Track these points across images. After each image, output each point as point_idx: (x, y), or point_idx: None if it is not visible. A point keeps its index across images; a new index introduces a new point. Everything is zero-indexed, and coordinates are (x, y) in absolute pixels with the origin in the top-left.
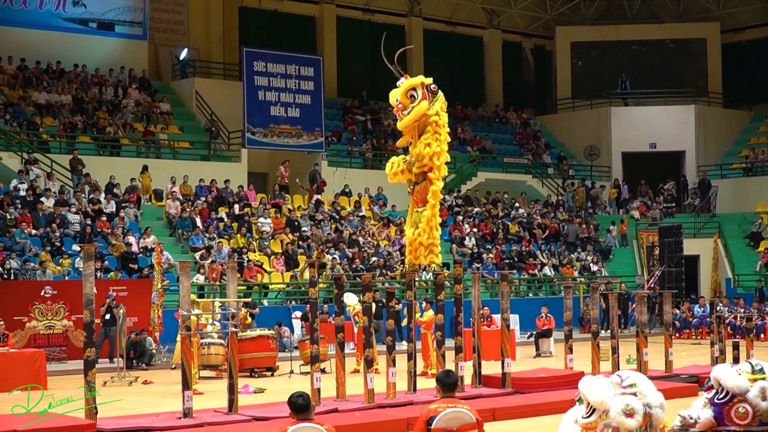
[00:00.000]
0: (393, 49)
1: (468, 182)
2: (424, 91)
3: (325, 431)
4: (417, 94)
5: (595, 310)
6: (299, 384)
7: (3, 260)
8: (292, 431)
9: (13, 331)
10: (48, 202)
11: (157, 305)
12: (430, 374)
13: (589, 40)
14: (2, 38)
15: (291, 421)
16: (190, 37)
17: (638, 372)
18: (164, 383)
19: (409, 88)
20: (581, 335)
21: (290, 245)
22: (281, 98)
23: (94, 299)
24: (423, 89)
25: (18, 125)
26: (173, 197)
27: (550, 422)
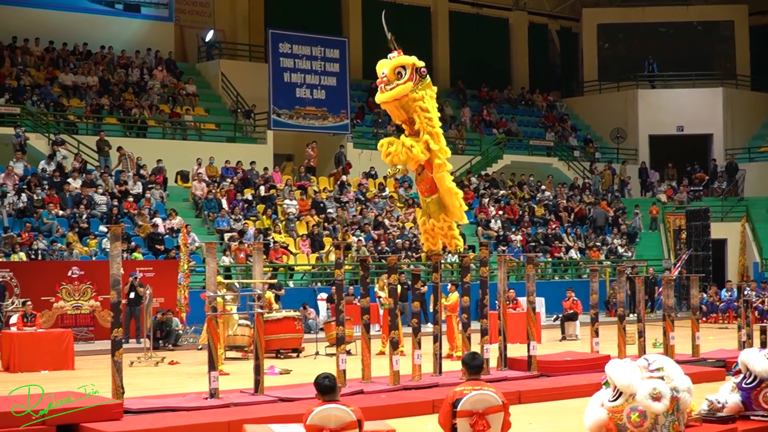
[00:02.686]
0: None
1: (494, 165)
2: (413, 72)
3: (351, 412)
4: (405, 73)
5: (621, 294)
6: (325, 365)
7: (31, 241)
8: (319, 412)
9: (40, 312)
10: (75, 183)
11: (184, 286)
12: (456, 357)
13: (615, 22)
14: (29, 20)
15: (317, 402)
16: (215, 18)
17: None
18: (190, 364)
19: (399, 65)
20: (607, 319)
21: (316, 227)
22: (307, 80)
23: (121, 280)
24: (412, 71)
25: (45, 107)
26: (199, 179)
27: (576, 405)
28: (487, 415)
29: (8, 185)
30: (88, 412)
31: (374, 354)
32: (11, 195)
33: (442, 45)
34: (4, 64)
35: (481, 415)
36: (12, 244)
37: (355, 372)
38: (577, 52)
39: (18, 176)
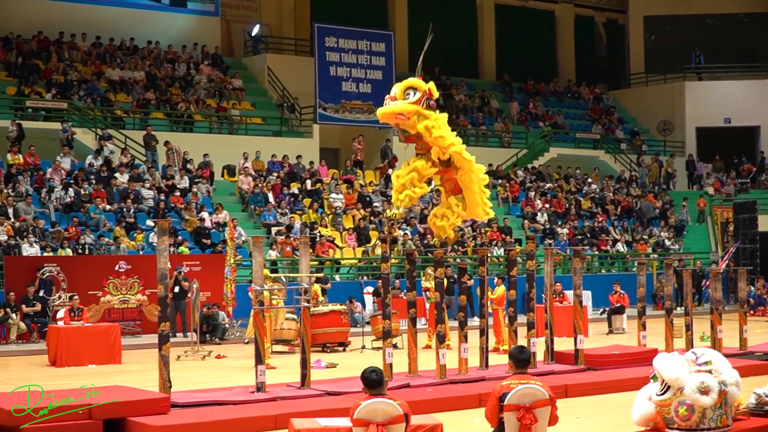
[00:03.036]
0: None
1: (540, 158)
2: (422, 98)
3: (397, 406)
4: (413, 95)
5: (668, 287)
6: (371, 359)
7: (78, 235)
8: (365, 406)
9: (88, 306)
10: (122, 178)
11: (230, 280)
12: (502, 350)
13: (662, 14)
14: (76, 15)
15: (364, 396)
16: (261, 13)
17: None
18: (237, 357)
19: (411, 86)
20: (654, 312)
21: (362, 221)
22: (353, 74)
23: (168, 274)
24: (423, 96)
25: (92, 101)
26: (245, 173)
27: (623, 399)
28: (534, 409)
29: (55, 180)
30: (135, 405)
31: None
32: (58, 190)
33: (488, 38)
34: (51, 59)
35: (528, 409)
36: (59, 239)
37: (402, 366)
38: (623, 44)
39: (65, 171)
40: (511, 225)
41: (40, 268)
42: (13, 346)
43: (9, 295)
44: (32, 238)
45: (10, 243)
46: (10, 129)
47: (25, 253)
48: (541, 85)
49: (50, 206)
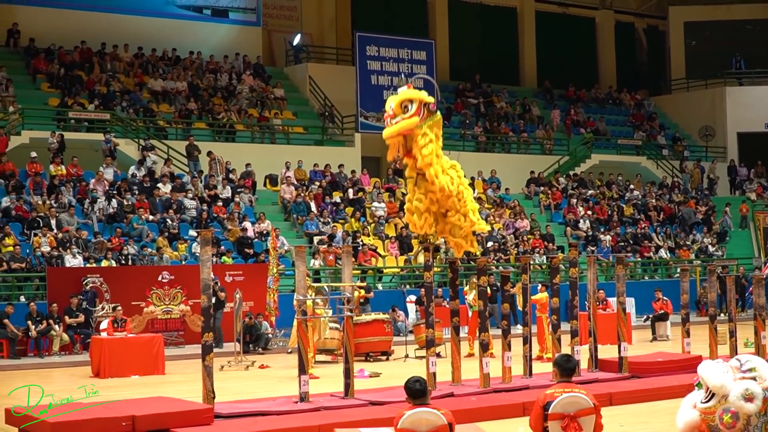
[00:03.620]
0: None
1: (582, 164)
2: (420, 107)
3: (441, 416)
4: (411, 108)
5: (712, 293)
6: (414, 368)
7: (121, 246)
8: (409, 416)
9: (131, 316)
10: (165, 188)
11: (273, 290)
12: (546, 358)
13: (702, 20)
14: (118, 26)
15: (408, 406)
16: (303, 22)
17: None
18: (281, 367)
19: (407, 99)
20: (698, 318)
21: (404, 229)
22: (394, 82)
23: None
24: (420, 105)
25: (135, 112)
26: (288, 182)
27: (667, 407)
28: (579, 417)
29: (98, 191)
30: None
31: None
32: (101, 200)
33: (528, 45)
34: (94, 70)
35: (573, 417)
36: (102, 250)
37: (445, 375)
38: (664, 50)
39: (108, 182)
40: (553, 232)
41: (83, 279)
42: (56, 358)
43: (52, 307)
44: (75, 249)
45: (53, 254)
46: (50, 141)
47: (68, 264)
48: (582, 91)
49: (93, 217)
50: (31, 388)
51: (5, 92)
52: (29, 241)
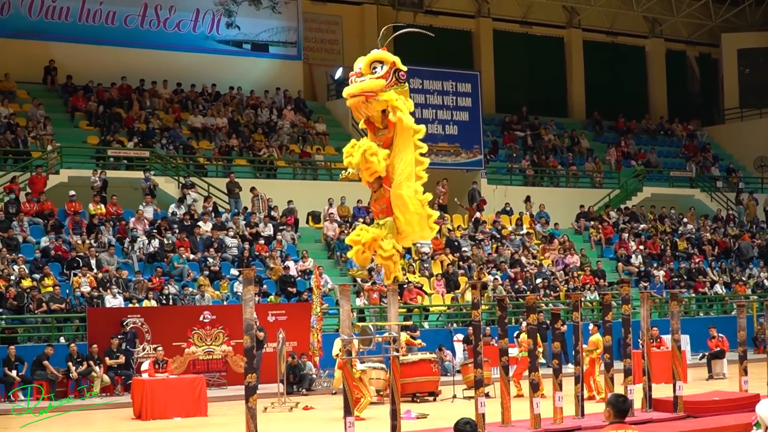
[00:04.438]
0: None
1: (633, 198)
2: (390, 71)
3: None
4: (380, 69)
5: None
6: (462, 409)
7: (161, 286)
8: None
9: (172, 357)
10: (205, 227)
11: (317, 329)
12: (599, 399)
13: (756, 47)
14: (157, 62)
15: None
16: (344, 55)
17: None
18: (325, 409)
19: (376, 59)
20: (756, 356)
21: (450, 266)
22: (438, 115)
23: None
24: (390, 69)
25: (174, 149)
26: (331, 219)
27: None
28: None
29: (138, 229)
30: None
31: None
32: (141, 239)
33: (576, 75)
34: (133, 107)
35: None
36: (143, 290)
37: (495, 416)
38: (716, 78)
39: (148, 220)
40: (604, 268)
41: (123, 319)
42: (97, 400)
43: (92, 348)
44: (115, 289)
45: (93, 294)
46: (93, 179)
47: (108, 304)
48: (633, 122)
49: (133, 256)
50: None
51: (43, 130)
52: (69, 281)
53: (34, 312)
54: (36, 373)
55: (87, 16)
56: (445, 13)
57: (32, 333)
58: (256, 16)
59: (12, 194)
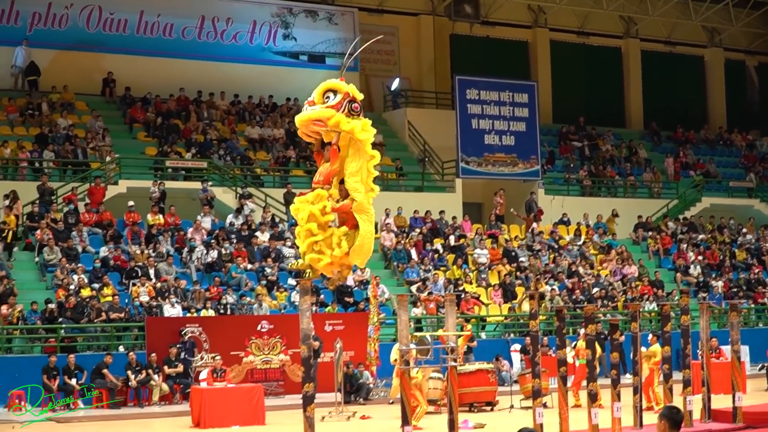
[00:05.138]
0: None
1: (692, 208)
2: (343, 101)
3: None
4: (333, 99)
5: None
6: (519, 419)
7: (219, 295)
8: None
9: (230, 366)
10: (263, 237)
11: (374, 339)
12: (657, 409)
13: None
14: (215, 74)
15: None
16: (401, 66)
17: None
18: (382, 418)
19: (330, 89)
20: None
21: (507, 276)
22: (495, 126)
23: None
24: (343, 98)
25: (231, 160)
26: (388, 229)
27: None
28: None
29: (196, 240)
30: None
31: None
32: (200, 249)
33: (634, 86)
34: (191, 118)
35: None
36: (201, 299)
37: (552, 426)
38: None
39: (206, 230)
40: (662, 278)
41: (181, 329)
42: (155, 408)
43: (151, 357)
44: (174, 299)
45: (152, 304)
46: (152, 189)
47: (166, 313)
48: (691, 132)
49: (191, 266)
50: None
51: (102, 142)
52: (128, 290)
53: (94, 321)
54: (95, 382)
55: (145, 28)
56: (502, 23)
57: (92, 342)
58: (313, 27)
59: (71, 205)
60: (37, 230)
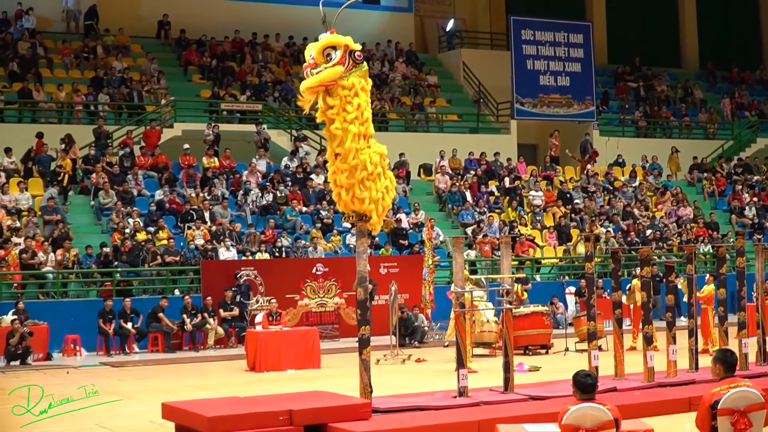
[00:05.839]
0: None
1: (747, 149)
2: (345, 55)
3: (607, 411)
4: (334, 55)
5: None
6: (575, 362)
7: (274, 238)
8: (574, 411)
9: (285, 310)
10: (318, 179)
11: (429, 282)
12: (712, 352)
13: None
14: (269, 16)
15: (573, 401)
16: (455, 7)
17: None
18: (437, 361)
19: (328, 45)
20: None
21: (562, 218)
22: (550, 67)
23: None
24: (344, 53)
25: (286, 102)
26: (442, 171)
27: None
28: (749, 413)
29: (251, 182)
30: (337, 411)
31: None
32: (254, 192)
33: (689, 25)
34: (245, 60)
35: (743, 413)
36: (256, 242)
37: (607, 368)
38: None
39: (261, 173)
40: (717, 220)
41: (237, 272)
42: (211, 352)
43: (206, 300)
44: (229, 242)
45: (207, 247)
46: (206, 132)
47: (221, 257)
48: (747, 73)
49: (246, 209)
50: (31, 388)
51: (157, 84)
52: (183, 234)
53: (149, 265)
54: (151, 326)
55: None
56: None
57: (147, 286)
58: None
59: (127, 148)
60: (93, 174)
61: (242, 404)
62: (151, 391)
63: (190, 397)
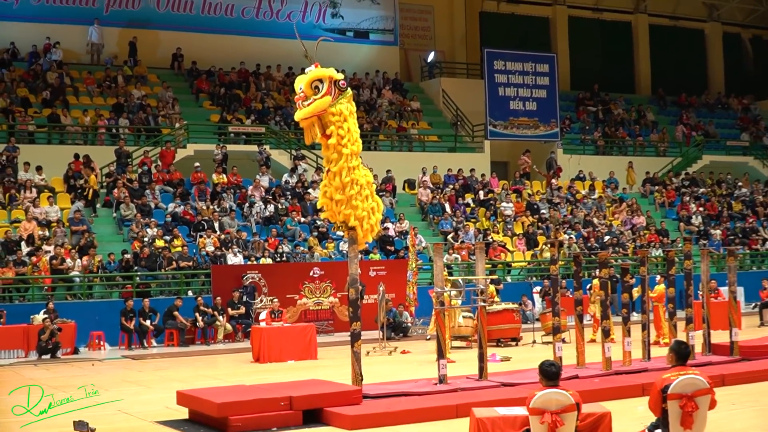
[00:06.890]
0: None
1: (693, 165)
2: (331, 85)
3: (570, 396)
4: (322, 87)
5: None
6: (541, 353)
7: (276, 245)
8: (541, 396)
9: (286, 308)
10: (315, 193)
11: (412, 283)
12: (663, 343)
13: None
14: (271, 49)
15: (539, 387)
16: (436, 41)
17: None
18: (420, 353)
19: (316, 78)
20: None
21: (530, 227)
22: (519, 93)
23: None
24: (330, 84)
25: (286, 125)
26: (424, 186)
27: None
28: (696, 397)
29: (256, 196)
30: (332, 397)
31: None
32: (259, 205)
33: (643, 56)
34: (250, 88)
35: (690, 397)
36: (260, 249)
37: (570, 359)
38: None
39: (264, 188)
40: (668, 228)
41: (243, 275)
42: (220, 345)
43: (216, 300)
44: (236, 249)
45: (217, 253)
46: (216, 152)
47: (230, 262)
48: (693, 97)
49: (251, 220)
50: (31, 388)
51: (172, 110)
52: (195, 242)
53: (165, 269)
54: (167, 323)
55: (209, 8)
56: (525, 1)
57: (164, 287)
58: (358, 6)
59: (145, 166)
60: (115, 189)
61: (248, 391)
62: (167, 381)
63: (201, 386)
